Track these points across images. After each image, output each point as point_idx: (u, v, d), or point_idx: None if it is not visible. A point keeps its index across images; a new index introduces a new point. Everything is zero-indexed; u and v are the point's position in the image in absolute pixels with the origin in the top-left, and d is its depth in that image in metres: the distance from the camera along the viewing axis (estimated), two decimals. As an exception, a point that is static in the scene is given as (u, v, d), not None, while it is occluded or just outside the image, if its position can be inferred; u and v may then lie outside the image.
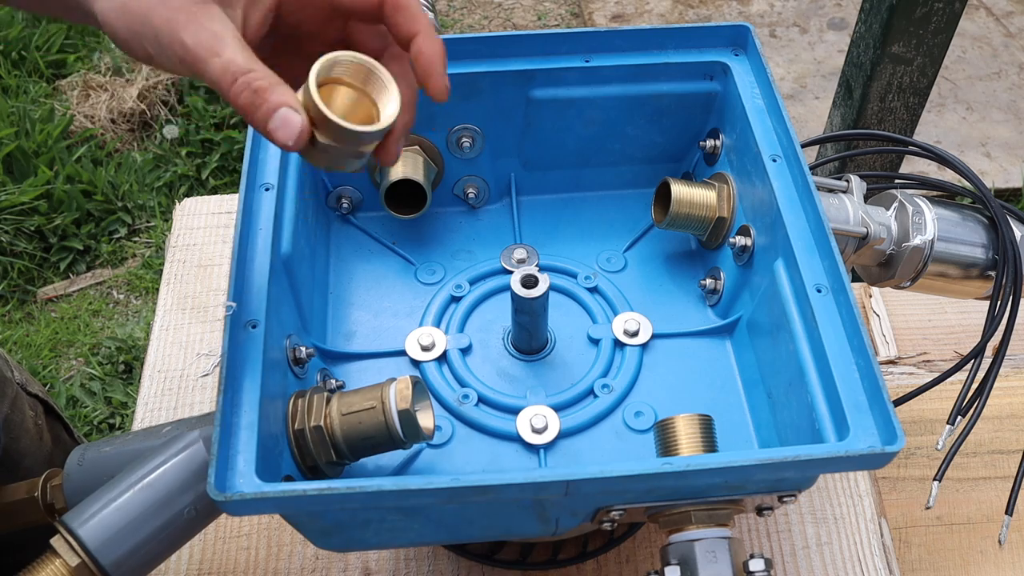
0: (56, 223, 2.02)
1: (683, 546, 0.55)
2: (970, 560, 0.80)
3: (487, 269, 0.74)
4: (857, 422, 0.53)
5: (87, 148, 2.15)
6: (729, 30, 0.73)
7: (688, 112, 0.75)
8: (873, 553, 0.74)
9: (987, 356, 0.72)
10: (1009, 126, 2.26)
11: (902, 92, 1.29)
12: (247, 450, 0.51)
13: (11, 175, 2.05)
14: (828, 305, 0.58)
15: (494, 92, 0.72)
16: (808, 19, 2.57)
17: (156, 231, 2.07)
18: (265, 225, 0.62)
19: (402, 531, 0.55)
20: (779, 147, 0.66)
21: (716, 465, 0.50)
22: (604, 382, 0.68)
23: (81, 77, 2.29)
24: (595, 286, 0.73)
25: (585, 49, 0.72)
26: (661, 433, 0.58)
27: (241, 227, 0.60)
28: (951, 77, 2.37)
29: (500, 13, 2.67)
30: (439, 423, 0.65)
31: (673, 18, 2.59)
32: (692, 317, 0.73)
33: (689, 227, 0.73)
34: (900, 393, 0.72)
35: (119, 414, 1.77)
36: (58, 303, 1.97)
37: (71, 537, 0.54)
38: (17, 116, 2.12)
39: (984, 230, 0.76)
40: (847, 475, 0.79)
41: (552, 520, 0.56)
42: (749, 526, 0.76)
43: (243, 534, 0.75)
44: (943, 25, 1.20)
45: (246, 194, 0.63)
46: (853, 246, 0.72)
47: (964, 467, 0.84)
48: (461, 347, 0.69)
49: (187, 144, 2.20)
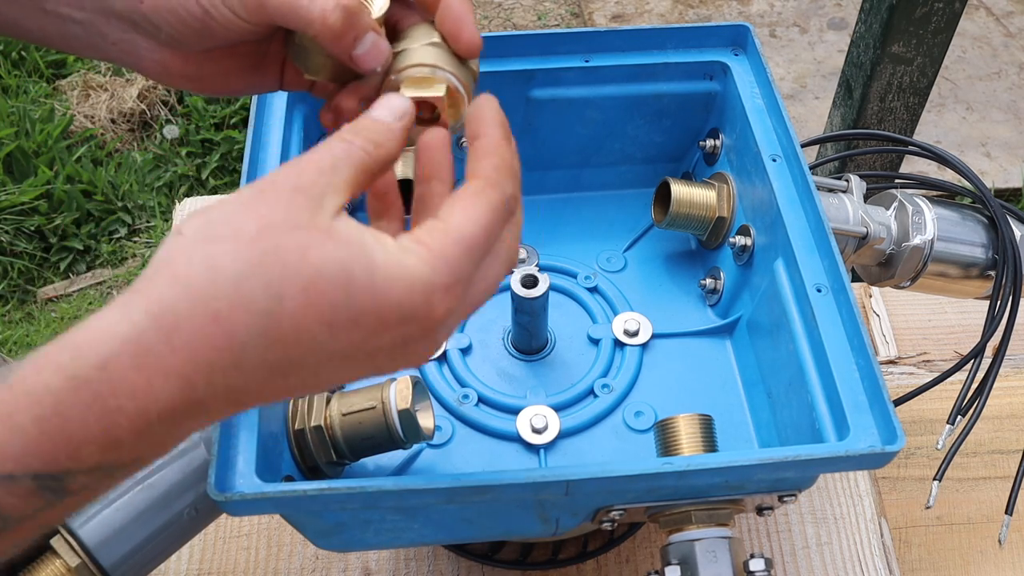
0: (56, 223, 2.02)
1: (683, 546, 0.55)
2: (970, 560, 0.80)
3: (487, 269, 0.74)
4: (857, 422, 0.53)
5: (87, 148, 2.15)
6: (729, 30, 0.73)
7: (688, 112, 0.75)
8: (873, 553, 0.74)
9: (987, 356, 0.72)
10: (1009, 126, 2.26)
11: (902, 92, 1.29)
12: (247, 450, 0.51)
13: (11, 175, 2.05)
14: (828, 305, 0.58)
15: (494, 92, 0.72)
16: (808, 19, 2.57)
17: (156, 231, 2.07)
18: (265, 225, 0.62)
19: (402, 531, 0.55)
20: (779, 147, 0.66)
21: (716, 465, 0.50)
22: (604, 382, 0.68)
23: (81, 77, 2.29)
24: (595, 286, 0.73)
25: (585, 49, 0.72)
26: (661, 433, 0.58)
27: (241, 227, 0.60)
28: (951, 77, 2.37)
29: (500, 13, 2.67)
30: (439, 423, 0.65)
31: (673, 18, 2.59)
32: (692, 317, 0.73)
33: (689, 227, 0.73)
34: (900, 393, 0.72)
35: (119, 414, 1.77)
36: (58, 303, 1.97)
37: (71, 537, 0.54)
38: (17, 116, 2.12)
39: (984, 230, 0.76)
40: (847, 475, 0.79)
41: (552, 520, 0.56)
42: (749, 526, 0.76)
43: (243, 534, 0.75)
44: (943, 25, 1.20)
45: (246, 194, 0.62)
46: (853, 246, 0.72)
47: (964, 467, 0.84)
48: (461, 347, 0.69)
49: (187, 144, 2.21)
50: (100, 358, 0.32)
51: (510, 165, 0.42)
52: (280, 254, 0.34)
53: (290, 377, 0.35)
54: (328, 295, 0.34)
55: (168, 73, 0.47)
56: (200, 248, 0.34)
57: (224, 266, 0.34)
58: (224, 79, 0.49)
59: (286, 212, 0.35)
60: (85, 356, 0.33)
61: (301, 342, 0.34)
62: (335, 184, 0.37)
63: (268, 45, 0.49)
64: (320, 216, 0.36)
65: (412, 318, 0.36)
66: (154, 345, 0.33)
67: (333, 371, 0.37)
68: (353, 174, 0.38)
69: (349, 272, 0.35)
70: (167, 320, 0.33)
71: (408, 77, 0.45)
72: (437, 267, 0.37)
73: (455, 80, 0.46)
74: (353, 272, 0.35)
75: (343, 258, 0.35)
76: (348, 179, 0.38)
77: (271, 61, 0.50)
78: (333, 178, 0.37)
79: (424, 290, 0.36)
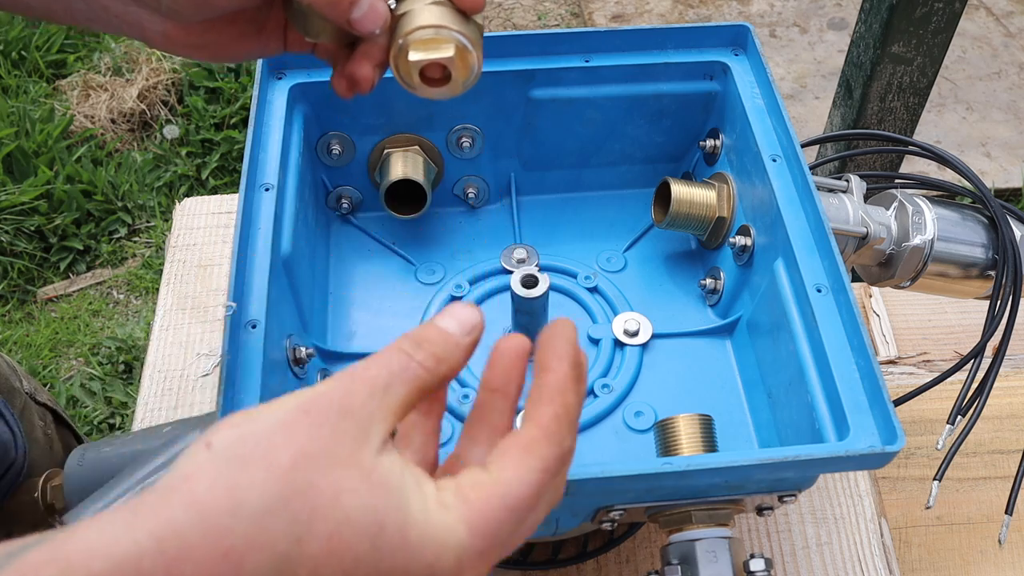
0: (56, 223, 2.02)
1: (683, 546, 0.55)
2: (970, 560, 0.79)
3: (487, 269, 0.74)
4: (857, 422, 0.53)
5: (87, 148, 2.15)
6: (729, 30, 0.73)
7: (688, 112, 0.75)
8: (873, 553, 0.74)
9: (987, 356, 0.72)
10: (1009, 126, 2.26)
11: (902, 92, 1.29)
12: (247, 450, 0.51)
13: (11, 175, 2.05)
14: (828, 305, 0.58)
15: (494, 92, 0.72)
16: (808, 19, 2.57)
17: (156, 231, 2.07)
18: (265, 225, 0.62)
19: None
20: (779, 147, 0.66)
21: (716, 465, 0.50)
22: (604, 382, 0.68)
23: (81, 77, 2.29)
24: (595, 286, 0.73)
25: (585, 49, 0.72)
26: (661, 433, 0.58)
27: (241, 227, 0.60)
28: (951, 77, 2.37)
29: (500, 13, 2.67)
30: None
31: (673, 18, 2.59)
32: (692, 317, 0.73)
33: (689, 227, 0.73)
34: (900, 393, 0.72)
35: (119, 414, 1.77)
36: (58, 303, 1.97)
37: (71, 537, 0.54)
38: (17, 116, 2.12)
39: (984, 230, 0.76)
40: (847, 475, 0.79)
41: (552, 520, 0.56)
42: (749, 526, 0.76)
43: (243, 534, 0.75)
44: (943, 25, 1.20)
45: (246, 194, 0.62)
46: (853, 246, 0.72)
47: (964, 467, 0.84)
48: (461, 347, 0.69)
49: (187, 144, 2.21)
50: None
51: (573, 415, 0.38)
52: (311, 494, 0.31)
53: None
54: (354, 547, 0.32)
55: (172, 43, 0.48)
56: (226, 473, 0.31)
57: (249, 500, 0.31)
58: (227, 46, 0.49)
59: (328, 442, 0.32)
60: (75, 572, 0.29)
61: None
62: (387, 407, 0.35)
63: (268, 12, 0.49)
64: (364, 450, 0.33)
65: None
66: (153, 573, 0.29)
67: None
68: (408, 394, 0.36)
69: (381, 524, 0.32)
70: (172, 547, 0.30)
71: (414, 40, 0.45)
72: (476, 530, 0.34)
73: (463, 38, 0.45)
74: (385, 524, 0.32)
75: (378, 507, 0.32)
76: (402, 401, 0.35)
77: (272, 27, 0.50)
78: (386, 400, 0.35)
79: (457, 555, 0.34)
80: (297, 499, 0.31)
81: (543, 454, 0.36)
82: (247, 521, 0.30)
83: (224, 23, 0.48)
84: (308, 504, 0.31)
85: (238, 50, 0.50)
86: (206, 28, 0.48)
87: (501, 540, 0.35)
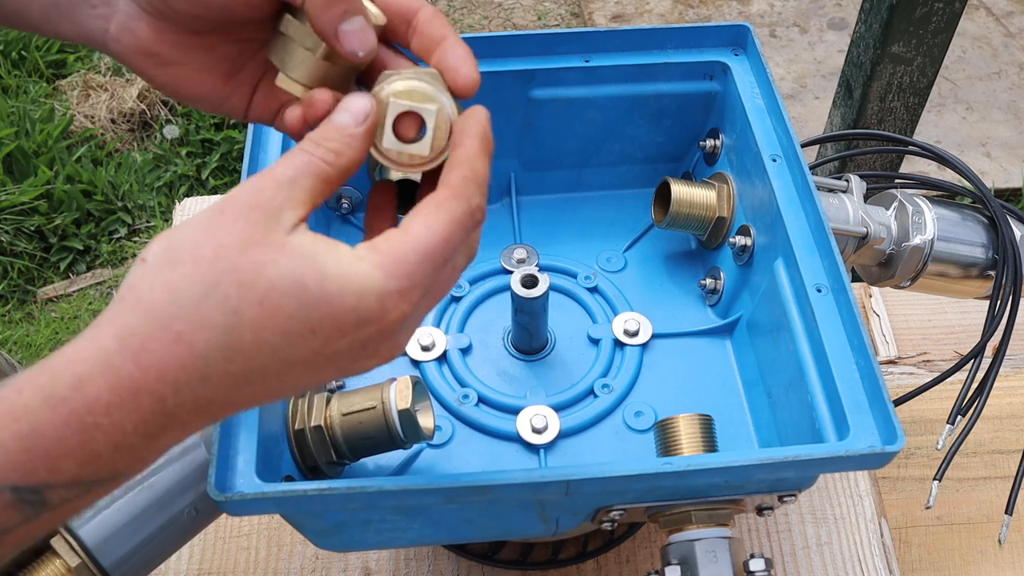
0: (56, 223, 2.02)
1: (683, 546, 0.55)
2: (970, 560, 0.80)
3: (487, 269, 0.74)
4: (857, 422, 0.53)
5: (87, 148, 2.15)
6: (729, 30, 0.73)
7: (688, 112, 0.75)
8: (873, 553, 0.74)
9: (987, 356, 0.72)
10: (1009, 126, 2.26)
11: (902, 92, 1.29)
12: (247, 450, 0.51)
13: (11, 175, 2.05)
14: (828, 305, 0.58)
15: (494, 92, 0.72)
16: (808, 19, 2.57)
17: (156, 231, 2.07)
18: (265, 225, 0.61)
19: (402, 531, 0.55)
20: (779, 147, 0.66)
21: (716, 465, 0.50)
22: (604, 382, 0.68)
23: (81, 77, 2.29)
24: (595, 286, 0.73)
25: (585, 49, 0.72)
26: (661, 433, 0.58)
27: (241, 227, 0.60)
28: (951, 77, 2.37)
29: (500, 13, 2.67)
30: (439, 423, 0.65)
31: (673, 18, 2.59)
32: (692, 317, 0.73)
33: (689, 227, 0.73)
34: (900, 393, 0.72)
35: (119, 414, 1.77)
36: (58, 303, 1.97)
37: (71, 537, 0.54)
38: (17, 116, 2.12)
39: (984, 230, 0.76)
40: (847, 475, 0.79)
41: (552, 520, 0.56)
42: (749, 526, 0.76)
43: (243, 534, 0.75)
44: (943, 25, 1.20)
45: (246, 194, 0.62)
46: (853, 246, 0.72)
47: (964, 467, 0.84)
48: (461, 347, 0.69)
49: (187, 144, 2.20)
50: (75, 378, 0.35)
51: (481, 178, 0.42)
52: (236, 273, 0.36)
53: (255, 385, 0.37)
54: (283, 307, 0.36)
55: (136, 47, 0.45)
56: (161, 274, 0.36)
57: (184, 289, 0.36)
58: (190, 75, 0.47)
59: (242, 231, 0.37)
60: (61, 377, 0.35)
61: (262, 352, 0.36)
62: (293, 198, 0.39)
63: (250, 59, 0.48)
64: (275, 232, 0.37)
65: (368, 321, 0.37)
66: (124, 366, 0.35)
67: (297, 377, 0.38)
68: (313, 186, 0.40)
69: (302, 283, 0.36)
70: (133, 343, 0.35)
71: (398, 90, 0.43)
72: (391, 272, 0.38)
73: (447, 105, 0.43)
74: (306, 283, 0.36)
75: (296, 270, 0.37)
76: (308, 191, 0.39)
77: (244, 78, 0.48)
78: (292, 192, 0.39)
79: (377, 295, 0.37)
80: (225, 279, 0.36)
81: (452, 207, 0.40)
82: (188, 307, 0.35)
83: (202, 46, 0.46)
84: (235, 281, 0.36)
85: (199, 84, 0.47)
86: (183, 41, 0.46)
87: (417, 282, 0.38)
